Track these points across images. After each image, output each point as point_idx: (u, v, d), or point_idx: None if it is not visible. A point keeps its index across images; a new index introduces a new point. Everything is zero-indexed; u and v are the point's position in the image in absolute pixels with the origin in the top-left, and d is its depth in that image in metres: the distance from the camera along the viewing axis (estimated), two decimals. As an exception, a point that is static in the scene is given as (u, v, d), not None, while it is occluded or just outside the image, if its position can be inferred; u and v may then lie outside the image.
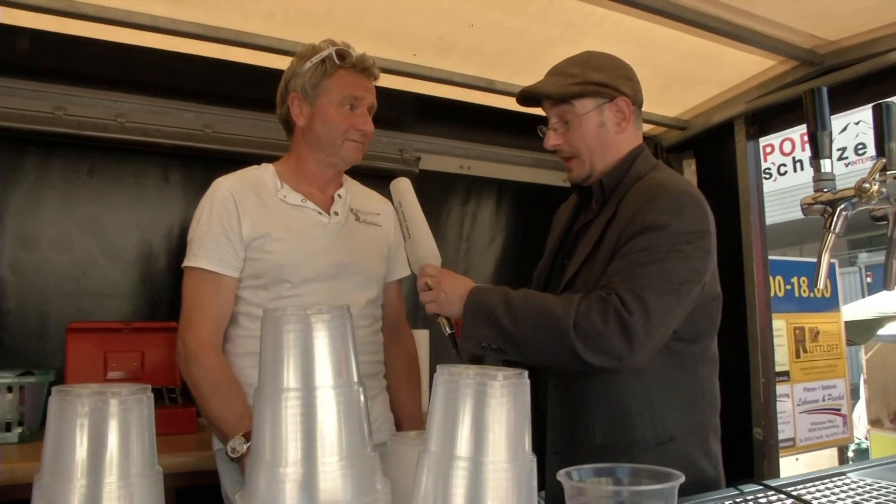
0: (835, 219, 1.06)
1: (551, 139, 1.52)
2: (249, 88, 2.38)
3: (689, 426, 1.42)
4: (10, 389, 1.92)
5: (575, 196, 1.66)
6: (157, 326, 2.40)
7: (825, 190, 1.09)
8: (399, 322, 1.99)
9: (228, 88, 2.49)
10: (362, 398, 0.74)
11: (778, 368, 4.04)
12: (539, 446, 1.46)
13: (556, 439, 1.45)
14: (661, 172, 1.50)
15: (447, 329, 1.42)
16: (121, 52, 2.14)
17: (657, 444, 1.37)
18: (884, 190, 1.02)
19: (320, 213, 1.73)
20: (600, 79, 1.47)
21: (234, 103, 2.60)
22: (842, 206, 1.06)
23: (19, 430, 1.95)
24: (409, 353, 2.01)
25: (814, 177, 1.11)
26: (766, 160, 9.54)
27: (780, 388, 3.97)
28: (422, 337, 2.51)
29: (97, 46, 2.10)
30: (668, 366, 1.40)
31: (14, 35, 2.01)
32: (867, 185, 1.00)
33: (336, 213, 1.77)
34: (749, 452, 2.56)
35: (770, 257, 3.07)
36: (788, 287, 4.20)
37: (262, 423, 0.70)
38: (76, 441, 0.66)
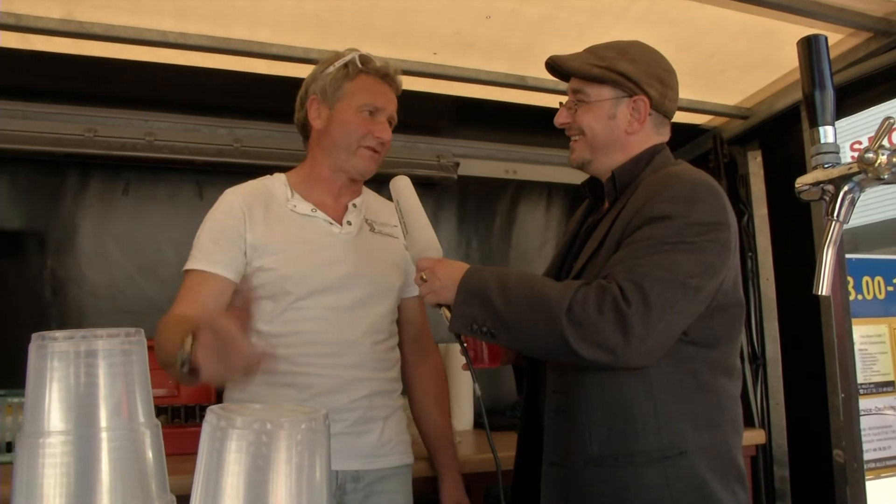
0: (838, 203, 0.82)
1: (561, 116, 1.46)
2: (279, 101, 2.33)
3: (704, 442, 1.24)
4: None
5: (588, 200, 1.57)
6: (192, 344, 2.38)
7: (825, 165, 0.86)
8: (424, 338, 1.89)
9: (258, 102, 2.46)
10: (149, 442, 0.61)
11: (881, 378, 3.65)
12: (536, 457, 1.35)
13: (552, 449, 1.32)
14: (679, 166, 1.37)
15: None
16: (149, 71, 2.14)
17: (662, 458, 1.22)
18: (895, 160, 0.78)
19: (331, 224, 1.67)
20: (627, 70, 1.37)
21: (266, 116, 2.58)
22: (846, 188, 0.82)
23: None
24: (437, 370, 1.91)
25: (811, 150, 0.88)
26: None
27: (886, 400, 3.61)
28: (454, 351, 2.39)
29: (124, 67, 2.11)
30: (678, 371, 1.25)
31: (42, 61, 2.04)
32: (871, 156, 0.76)
33: (349, 223, 1.70)
34: (829, 478, 2.26)
35: (866, 256, 2.74)
36: (890, 289, 3.79)
37: (19, 474, 0.57)
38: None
